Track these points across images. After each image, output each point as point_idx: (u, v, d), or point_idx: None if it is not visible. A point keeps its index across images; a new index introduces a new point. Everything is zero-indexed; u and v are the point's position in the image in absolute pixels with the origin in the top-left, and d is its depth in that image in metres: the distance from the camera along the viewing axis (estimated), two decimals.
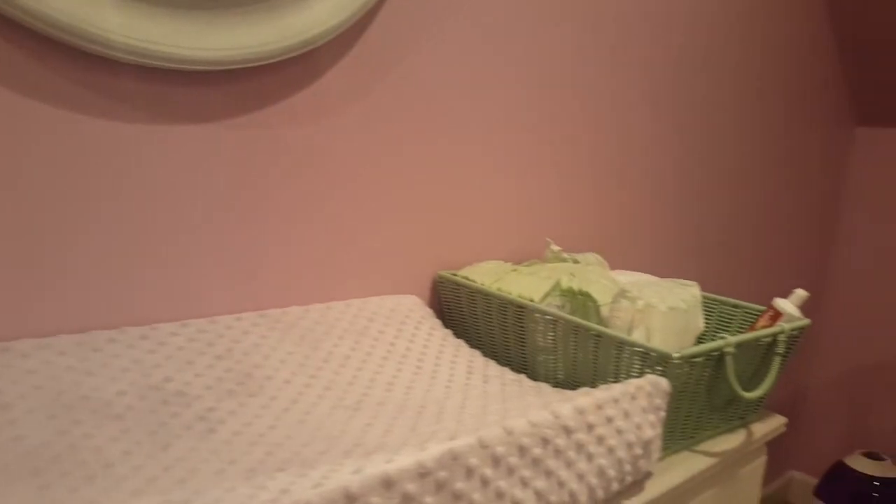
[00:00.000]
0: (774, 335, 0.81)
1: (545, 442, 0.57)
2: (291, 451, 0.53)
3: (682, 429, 0.79)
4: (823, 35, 1.84)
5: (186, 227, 0.77)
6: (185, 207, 0.77)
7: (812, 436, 2.26)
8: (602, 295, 0.91)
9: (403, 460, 0.46)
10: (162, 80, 0.73)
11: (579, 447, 0.60)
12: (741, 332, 0.91)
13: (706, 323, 1.00)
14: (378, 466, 0.45)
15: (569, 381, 0.85)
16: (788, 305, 0.86)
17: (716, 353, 0.75)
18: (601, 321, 0.90)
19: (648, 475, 0.73)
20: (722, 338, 0.77)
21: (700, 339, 0.97)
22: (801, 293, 0.87)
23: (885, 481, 1.89)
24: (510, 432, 0.54)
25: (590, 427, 0.61)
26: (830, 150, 2.04)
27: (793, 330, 0.83)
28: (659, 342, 0.89)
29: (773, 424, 0.91)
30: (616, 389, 0.65)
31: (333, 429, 0.58)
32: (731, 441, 0.85)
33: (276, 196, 0.85)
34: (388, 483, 0.44)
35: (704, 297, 1.00)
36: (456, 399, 0.72)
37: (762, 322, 0.88)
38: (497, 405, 0.70)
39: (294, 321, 0.80)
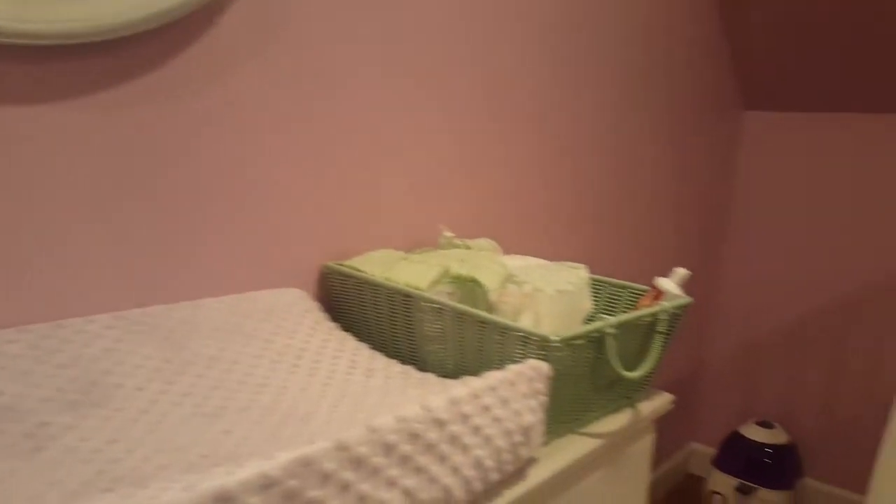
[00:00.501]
0: (655, 314, 0.82)
1: (414, 437, 0.54)
2: (128, 467, 0.48)
3: (566, 412, 0.79)
4: (711, 18, 1.91)
5: (29, 221, 0.69)
6: (24, 199, 0.69)
7: (710, 408, 2.36)
8: (490, 280, 0.89)
9: (245, 472, 0.42)
10: None
11: (453, 440, 0.58)
12: (627, 313, 0.92)
13: (595, 304, 1.00)
14: (215, 481, 0.40)
15: (458, 371, 0.83)
16: (669, 284, 0.87)
17: (596, 335, 0.75)
18: (490, 307, 0.88)
19: (531, 461, 0.72)
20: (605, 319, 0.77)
21: (590, 321, 0.98)
22: (681, 272, 0.88)
23: (775, 447, 2.00)
24: (374, 431, 0.51)
25: (465, 418, 0.59)
26: (720, 133, 2.12)
27: (674, 308, 0.84)
28: (547, 325, 0.88)
29: (659, 402, 0.92)
30: (494, 377, 0.63)
31: (184, 439, 0.53)
32: (617, 421, 0.85)
33: (136, 184, 0.78)
34: (224, 499, 0.40)
35: (593, 279, 1.00)
36: (332, 397, 0.68)
37: (645, 301, 0.89)
38: (375, 400, 0.67)
39: (156, 322, 0.74)
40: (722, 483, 2.03)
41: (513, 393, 0.64)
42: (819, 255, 2.10)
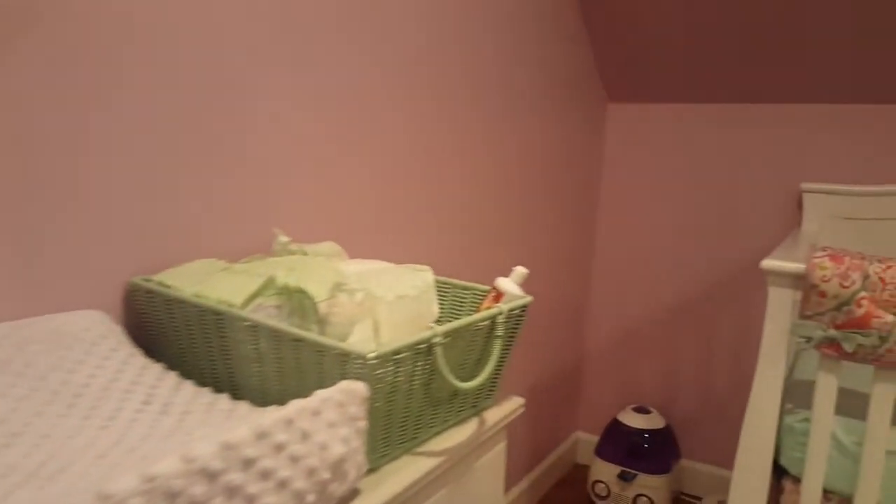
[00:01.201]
0: (493, 317, 0.76)
1: (171, 497, 0.44)
2: None
3: (398, 431, 0.71)
4: (574, 17, 1.92)
5: None
6: None
7: (593, 397, 2.39)
8: (319, 290, 0.80)
9: None
10: None
11: (231, 492, 0.48)
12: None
13: (441, 308, 0.94)
14: None
15: (282, 395, 0.74)
16: (509, 284, 0.82)
17: (424, 346, 0.68)
18: (320, 320, 0.80)
19: (355, 494, 0.64)
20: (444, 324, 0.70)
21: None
22: (520, 271, 0.83)
23: (652, 432, 2.04)
24: (106, 498, 0.41)
25: (247, 463, 0.50)
26: (587, 126, 2.13)
27: (512, 310, 0.78)
28: (387, 334, 0.81)
29: (509, 408, 0.87)
30: (292, 408, 0.55)
31: None
32: (461, 434, 0.79)
33: None
34: None
35: (438, 282, 0.94)
36: (102, 445, 0.57)
37: (486, 304, 0.83)
38: (153, 446, 0.57)
39: None
40: (604, 471, 2.05)
41: (315, 424, 0.56)
42: (685, 242, 2.16)
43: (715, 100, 2.04)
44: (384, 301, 0.82)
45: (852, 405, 1.25)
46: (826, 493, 1.28)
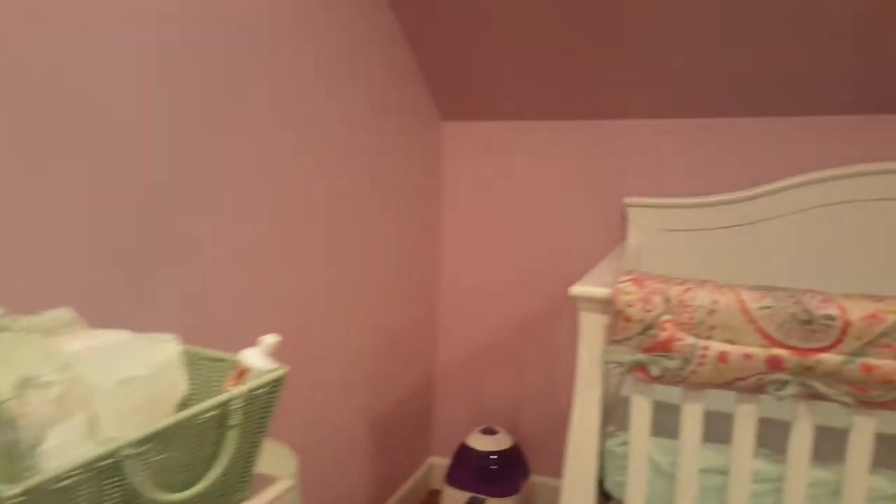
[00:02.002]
0: (224, 404, 0.64)
1: None
2: None
3: None
4: (400, 43, 1.86)
5: None
6: None
7: (445, 420, 2.33)
8: (3, 387, 0.65)
9: None
10: None
11: None
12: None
13: (193, 383, 0.81)
14: None
15: None
16: (255, 358, 0.70)
17: (107, 463, 0.55)
18: (10, 424, 0.65)
19: None
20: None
21: (187, 406, 0.78)
22: (268, 340, 0.72)
23: (500, 453, 2.01)
24: None
25: None
26: (422, 147, 2.08)
27: (255, 389, 0.67)
28: (111, 428, 0.67)
29: (271, 494, 0.75)
30: None
31: None
32: None
33: None
34: None
35: (189, 353, 0.81)
36: None
37: (231, 382, 0.72)
38: None
39: None
40: (454, 499, 1.99)
41: None
42: (524, 258, 2.15)
43: (544, 117, 2.04)
44: (100, 389, 0.68)
45: (673, 424, 1.25)
46: None
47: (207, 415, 0.62)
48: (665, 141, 1.93)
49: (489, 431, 2.06)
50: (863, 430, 1.10)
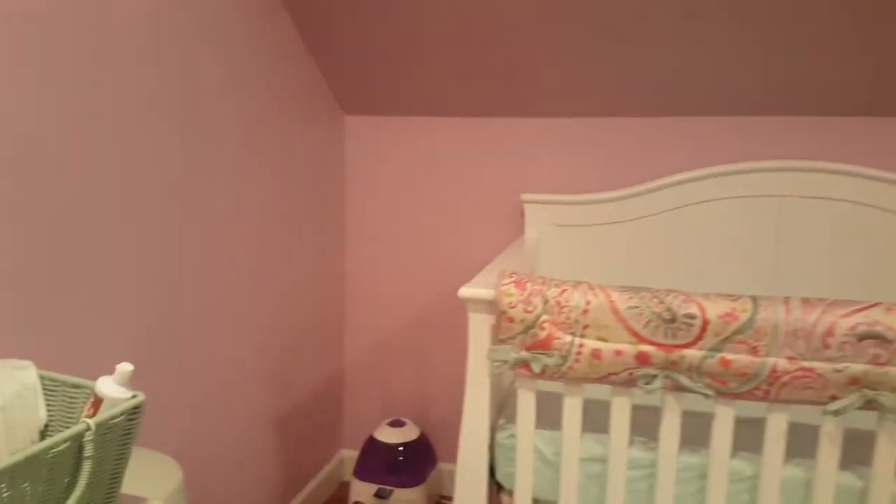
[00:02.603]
0: (76, 437, 0.64)
1: None
2: None
3: None
4: (294, 38, 1.85)
5: None
6: None
7: (354, 413, 2.36)
8: None
9: None
10: None
11: None
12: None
13: (52, 411, 0.79)
14: None
15: None
16: (110, 387, 0.70)
17: None
18: None
19: None
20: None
21: (47, 434, 0.77)
22: (123, 368, 0.72)
23: (406, 445, 2.05)
24: None
25: None
26: (324, 141, 2.07)
27: (109, 419, 0.67)
28: None
29: None
30: None
31: None
32: None
33: None
34: None
35: (46, 379, 0.79)
36: None
37: (88, 411, 0.71)
38: None
39: None
40: (362, 492, 2.02)
41: None
42: (429, 252, 2.18)
43: (447, 113, 2.07)
44: None
45: (557, 416, 1.31)
46: (536, 502, 1.35)
47: (61, 447, 0.62)
48: (564, 138, 2.00)
49: (397, 423, 2.09)
50: (724, 419, 1.20)
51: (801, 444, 1.21)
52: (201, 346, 1.57)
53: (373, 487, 2.00)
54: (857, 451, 1.19)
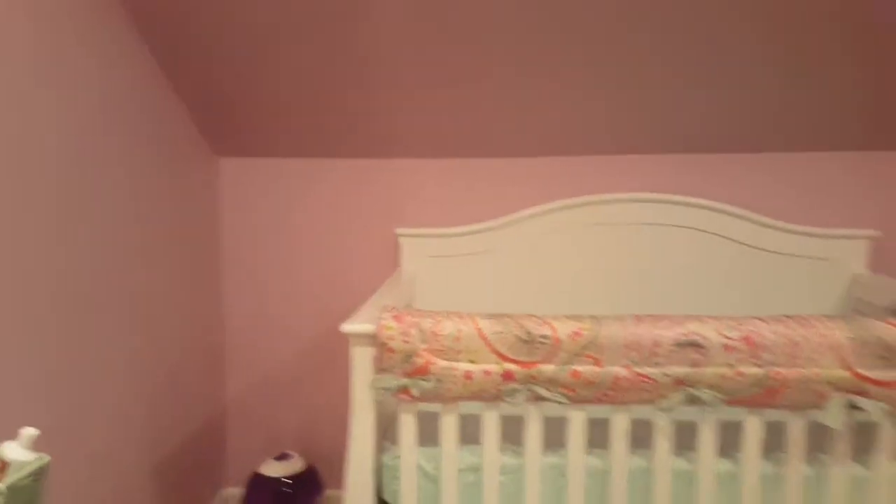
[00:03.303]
0: None
1: None
2: None
3: None
4: (158, 80, 1.87)
5: None
6: None
7: (238, 450, 2.36)
8: None
9: None
10: None
11: None
12: None
13: None
14: None
15: None
16: (15, 451, 0.74)
17: None
18: None
19: None
20: None
21: None
22: (27, 433, 0.76)
23: (293, 478, 2.09)
24: None
25: None
26: (195, 183, 2.09)
27: (16, 482, 0.71)
28: None
29: None
30: None
31: None
32: None
33: None
34: None
35: None
36: None
37: None
38: None
39: None
40: None
41: None
42: (307, 285, 2.26)
43: (320, 154, 2.18)
44: None
45: (435, 434, 1.44)
46: None
47: None
48: (434, 177, 2.17)
49: (283, 457, 2.13)
50: (577, 422, 1.38)
51: (642, 437, 1.42)
52: (79, 401, 1.55)
53: None
54: (688, 439, 1.42)
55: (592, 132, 2.04)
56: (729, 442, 1.39)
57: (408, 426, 1.41)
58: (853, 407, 1.31)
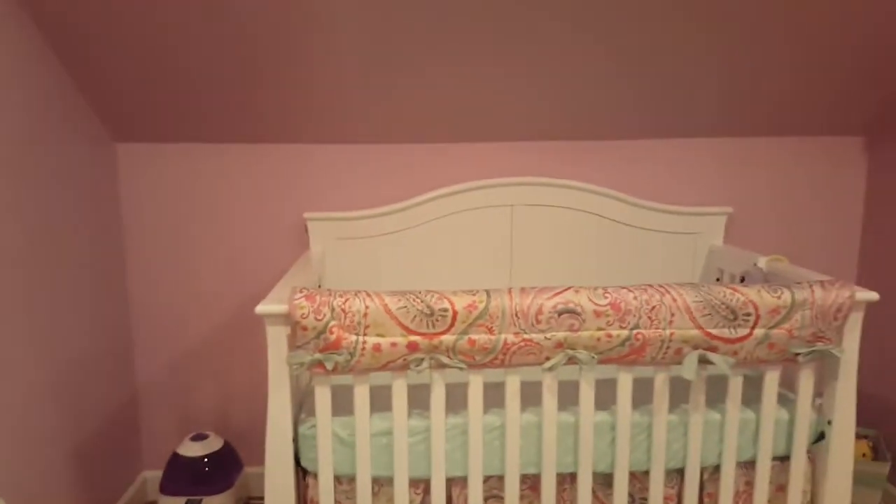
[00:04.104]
0: None
1: None
2: None
3: None
4: (51, 62, 1.86)
5: None
6: None
7: (155, 432, 2.40)
8: None
9: None
10: None
11: None
12: None
13: None
14: None
15: None
16: None
17: None
18: None
19: None
20: None
21: None
22: None
23: (211, 456, 2.17)
24: None
25: None
26: (92, 170, 2.09)
27: None
28: None
29: None
30: None
31: None
32: None
33: None
34: None
35: None
36: None
37: None
38: None
39: None
40: None
41: None
42: (216, 269, 2.32)
43: (223, 140, 2.22)
44: None
45: (349, 404, 1.57)
46: (338, 479, 1.60)
47: None
48: (340, 162, 2.27)
49: (199, 437, 2.20)
50: (475, 385, 1.56)
51: (531, 396, 1.62)
52: None
53: (181, 500, 2.09)
54: (571, 395, 1.63)
55: (490, 120, 2.20)
56: (606, 396, 1.61)
57: (323, 398, 1.54)
58: (705, 361, 1.55)
